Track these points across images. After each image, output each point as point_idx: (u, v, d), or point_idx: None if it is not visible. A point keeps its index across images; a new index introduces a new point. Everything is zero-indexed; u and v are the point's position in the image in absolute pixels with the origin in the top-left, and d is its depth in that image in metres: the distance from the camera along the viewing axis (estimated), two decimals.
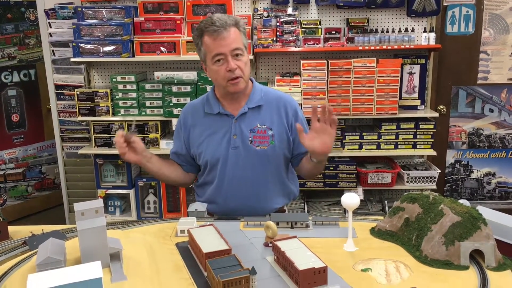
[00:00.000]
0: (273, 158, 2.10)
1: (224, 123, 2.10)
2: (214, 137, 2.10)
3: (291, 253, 1.44)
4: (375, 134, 3.54)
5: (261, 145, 2.07)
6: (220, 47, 1.94)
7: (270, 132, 2.08)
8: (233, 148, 2.07)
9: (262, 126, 2.08)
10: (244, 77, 2.01)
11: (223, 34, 1.93)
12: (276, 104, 2.12)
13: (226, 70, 1.96)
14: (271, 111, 2.11)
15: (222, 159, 2.09)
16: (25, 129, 4.58)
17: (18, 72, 4.48)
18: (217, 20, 1.94)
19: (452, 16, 3.77)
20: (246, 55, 2.01)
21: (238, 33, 1.98)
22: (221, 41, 1.93)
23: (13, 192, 4.54)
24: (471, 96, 3.97)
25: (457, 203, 1.59)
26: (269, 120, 2.09)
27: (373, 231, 1.74)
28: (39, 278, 1.29)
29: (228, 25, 1.94)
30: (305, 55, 3.67)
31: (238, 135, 2.07)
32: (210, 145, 2.10)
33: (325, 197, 3.77)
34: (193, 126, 2.16)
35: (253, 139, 2.07)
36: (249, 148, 2.07)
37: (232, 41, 1.94)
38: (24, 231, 1.82)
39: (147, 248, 1.64)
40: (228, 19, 1.96)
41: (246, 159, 2.07)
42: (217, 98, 2.12)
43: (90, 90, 3.57)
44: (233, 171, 2.08)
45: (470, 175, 4.10)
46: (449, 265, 1.46)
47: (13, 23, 4.41)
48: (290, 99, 2.17)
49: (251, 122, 2.08)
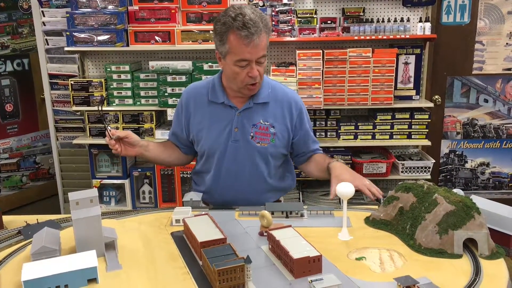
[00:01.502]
0: (272, 156, 2.08)
1: (227, 114, 2.06)
2: (215, 127, 2.07)
3: (286, 242, 1.45)
4: (370, 124, 3.55)
5: (261, 141, 2.05)
6: (248, 53, 1.85)
7: (272, 129, 2.05)
8: (233, 141, 2.05)
9: (265, 123, 2.05)
10: (261, 81, 1.98)
11: (255, 42, 1.82)
12: (281, 102, 2.08)
13: (247, 76, 1.90)
14: (276, 108, 2.07)
15: (220, 151, 2.07)
16: (19, 119, 4.56)
17: (11, 62, 4.44)
18: (251, 24, 1.81)
19: (448, 6, 3.76)
20: (266, 60, 1.96)
21: (266, 38, 1.89)
22: (250, 49, 1.83)
23: (7, 182, 4.52)
24: (466, 86, 3.98)
25: (451, 192, 1.60)
26: (272, 117, 2.06)
27: (368, 221, 1.75)
28: (34, 267, 1.29)
29: (260, 30, 1.83)
30: (301, 45, 3.65)
31: (239, 129, 2.04)
32: (210, 134, 2.07)
33: (320, 187, 3.78)
34: (195, 111, 2.11)
35: (254, 134, 2.04)
36: (250, 144, 2.04)
37: (261, 48, 1.87)
38: (18, 221, 1.82)
39: (142, 238, 1.65)
40: (260, 22, 1.83)
41: (245, 154, 2.05)
42: (223, 87, 2.07)
43: (84, 80, 3.55)
44: (230, 164, 2.07)
45: (464, 165, 4.12)
46: (442, 254, 1.47)
47: (6, 12, 4.36)
48: (296, 98, 2.13)
49: (254, 118, 2.05)
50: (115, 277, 1.38)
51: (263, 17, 1.88)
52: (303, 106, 2.14)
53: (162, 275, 1.41)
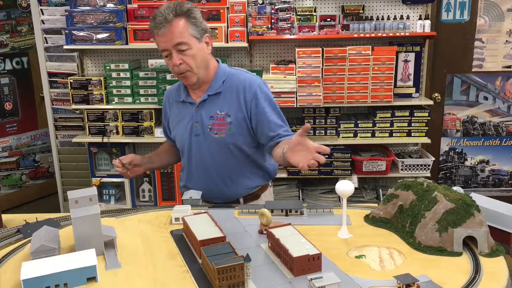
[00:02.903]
0: (233, 145, 2.05)
1: (188, 110, 2.10)
2: (181, 124, 2.13)
3: (285, 240, 1.44)
4: (370, 122, 3.54)
5: (219, 132, 2.05)
6: (162, 43, 1.92)
7: (228, 119, 2.04)
8: (195, 136, 2.08)
9: (221, 113, 2.05)
10: (193, 70, 1.96)
11: (163, 30, 1.88)
12: (236, 90, 2.04)
13: (172, 65, 1.94)
14: (231, 97, 2.05)
15: (187, 146, 2.12)
16: (18, 117, 4.55)
17: (10, 60, 4.44)
18: (158, 15, 1.89)
19: (448, 3, 3.76)
20: (195, 47, 1.93)
21: (184, 25, 1.90)
22: (162, 37, 1.90)
23: (7, 181, 4.52)
24: (465, 84, 3.97)
25: (451, 190, 1.60)
26: (227, 106, 2.04)
27: (367, 218, 1.74)
28: (33, 266, 1.29)
29: (168, 19, 1.87)
30: (300, 42, 3.65)
31: (199, 123, 2.06)
32: (179, 132, 2.14)
33: (320, 185, 3.78)
34: (170, 111, 2.22)
35: (212, 126, 2.05)
36: (209, 136, 2.05)
37: (173, 36, 1.88)
38: (18, 220, 1.82)
39: (141, 236, 1.64)
40: (170, 12, 1.88)
41: (207, 146, 2.07)
42: (185, 86, 2.12)
43: (83, 78, 3.55)
44: (198, 158, 2.10)
45: (464, 163, 4.12)
46: (442, 252, 1.47)
47: (4, 10, 4.35)
48: (250, 83, 2.04)
49: (211, 109, 2.05)
50: (115, 275, 1.37)
51: (179, 6, 1.91)
52: (259, 90, 2.03)
53: (162, 273, 1.41)
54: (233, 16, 3.46)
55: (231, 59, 3.74)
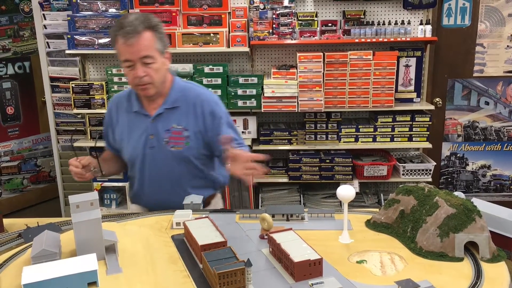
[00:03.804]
0: (189, 158, 2.07)
1: (142, 122, 2.09)
2: (133, 135, 2.10)
3: (286, 245, 1.44)
4: (371, 126, 3.54)
5: (176, 145, 2.06)
6: (128, 53, 1.91)
7: (186, 133, 2.06)
8: (149, 148, 2.07)
9: (178, 126, 2.06)
10: (154, 83, 1.98)
11: (131, 41, 1.88)
12: (194, 104, 2.07)
13: (134, 76, 1.94)
14: (188, 111, 2.07)
15: (140, 159, 2.10)
16: (20, 121, 4.56)
17: (12, 65, 4.45)
18: (128, 25, 1.88)
19: (449, 8, 3.76)
20: (159, 61, 1.96)
21: (152, 38, 1.92)
22: (129, 48, 1.89)
23: (8, 185, 4.53)
24: (467, 88, 3.97)
25: (452, 195, 1.60)
26: (185, 120, 2.06)
27: (369, 223, 1.74)
28: (34, 271, 1.29)
29: (138, 31, 1.88)
30: (301, 47, 3.65)
31: (154, 135, 2.06)
32: (129, 143, 2.11)
33: (321, 189, 3.77)
34: (117, 120, 2.17)
35: (168, 139, 2.05)
36: (165, 149, 2.06)
37: (141, 48, 1.89)
38: (19, 224, 1.82)
39: (142, 241, 1.64)
40: (140, 24, 1.89)
41: (162, 159, 2.07)
42: (138, 95, 2.11)
43: (85, 83, 3.56)
44: (151, 170, 2.08)
45: (465, 168, 4.11)
46: (443, 257, 1.47)
47: (7, 14, 4.37)
48: (208, 98, 2.10)
49: (167, 123, 2.06)
50: (115, 280, 1.37)
51: (148, 19, 1.93)
52: (216, 106, 2.09)
53: (163, 278, 1.41)
54: (235, 21, 3.47)
55: (232, 64, 3.75)
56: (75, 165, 1.97)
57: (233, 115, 3.56)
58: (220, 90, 3.48)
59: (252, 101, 3.48)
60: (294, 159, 3.57)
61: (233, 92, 3.47)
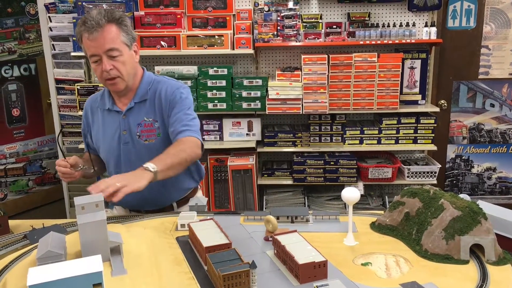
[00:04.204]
0: (162, 149, 1.97)
1: (114, 119, 2.08)
2: (107, 133, 2.09)
3: (291, 247, 1.44)
4: (376, 129, 3.54)
5: (148, 138, 2.04)
6: (93, 48, 1.89)
7: (156, 124, 2.04)
8: (124, 144, 2.06)
9: (148, 119, 2.05)
10: (123, 76, 1.96)
11: (94, 35, 1.86)
12: (159, 95, 2.05)
13: (102, 70, 1.92)
14: (156, 102, 2.05)
15: (115, 156, 2.08)
16: (25, 123, 4.58)
17: (18, 67, 4.47)
18: (89, 20, 1.87)
19: (454, 10, 3.76)
20: (126, 54, 1.95)
21: (116, 31, 1.91)
22: (93, 42, 1.87)
23: (13, 187, 4.54)
24: (472, 91, 3.96)
25: (458, 197, 1.59)
26: (153, 112, 2.05)
27: (374, 226, 1.74)
28: (39, 272, 1.29)
29: (101, 24, 1.87)
30: (306, 49, 3.66)
31: (127, 131, 2.05)
32: (104, 141, 2.10)
33: (326, 191, 3.77)
34: (92, 121, 2.17)
35: (140, 133, 2.04)
36: (138, 143, 2.04)
37: (105, 41, 1.88)
38: (24, 225, 1.83)
39: (147, 242, 1.64)
40: (102, 18, 1.88)
41: (137, 154, 2.04)
42: (110, 93, 2.10)
43: (90, 85, 3.57)
44: (127, 167, 2.00)
45: (470, 170, 4.09)
46: (449, 260, 1.46)
47: (13, 17, 4.39)
48: (172, 87, 2.06)
49: (138, 117, 2.05)
50: (120, 281, 1.38)
51: (110, 13, 1.92)
52: (179, 92, 2.05)
53: (167, 279, 1.41)
54: (239, 23, 3.48)
55: (237, 66, 3.76)
56: (63, 165, 1.95)
57: (237, 117, 3.59)
58: (225, 92, 3.48)
59: (257, 103, 3.49)
60: (299, 161, 3.56)
61: (238, 94, 3.48)
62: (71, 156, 1.99)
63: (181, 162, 1.87)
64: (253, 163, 3.54)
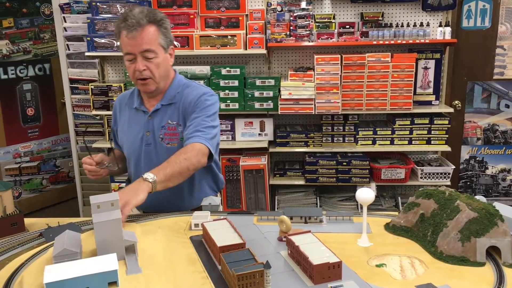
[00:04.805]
0: None
1: (140, 119, 2.08)
2: (131, 132, 2.10)
3: (305, 247, 1.44)
4: (389, 129, 3.52)
5: (171, 142, 2.04)
6: (130, 46, 1.90)
7: (180, 128, 2.04)
8: (146, 145, 2.06)
9: (172, 122, 2.04)
10: (155, 78, 1.97)
11: (133, 34, 1.87)
12: (185, 100, 2.04)
13: (135, 70, 1.93)
14: (181, 106, 2.05)
15: (136, 156, 2.08)
16: (40, 122, 4.63)
17: (33, 66, 4.52)
18: (131, 17, 1.87)
19: (468, 10, 3.72)
20: (161, 56, 1.95)
21: (155, 33, 1.91)
22: (131, 41, 1.88)
23: (28, 185, 4.60)
24: (486, 91, 3.92)
25: (474, 199, 1.57)
26: (177, 116, 2.04)
27: (388, 227, 1.73)
28: (56, 270, 1.30)
29: (142, 24, 1.87)
30: (319, 49, 3.65)
31: (151, 132, 2.05)
32: (128, 140, 2.10)
33: (338, 192, 3.76)
34: (119, 118, 2.18)
35: (163, 136, 2.04)
36: (160, 146, 2.04)
37: (143, 42, 1.89)
38: (40, 224, 1.84)
39: (161, 241, 1.65)
40: (144, 17, 1.88)
41: (158, 156, 2.03)
42: (140, 92, 2.11)
43: (104, 84, 3.60)
44: (147, 168, 1.94)
45: (485, 172, 4.05)
46: (465, 262, 1.45)
47: (28, 17, 4.44)
48: (198, 92, 2.04)
49: (162, 119, 2.05)
50: (135, 280, 1.38)
51: (152, 13, 1.92)
52: (202, 98, 2.02)
53: (181, 279, 1.41)
54: (252, 23, 3.48)
55: (249, 66, 3.76)
56: (89, 163, 1.97)
57: (249, 117, 3.59)
58: (237, 92, 3.49)
59: (269, 103, 3.49)
60: (311, 161, 3.56)
61: (250, 94, 3.48)
62: (98, 154, 2.02)
63: (182, 172, 1.85)
64: (265, 163, 3.54)
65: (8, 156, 4.44)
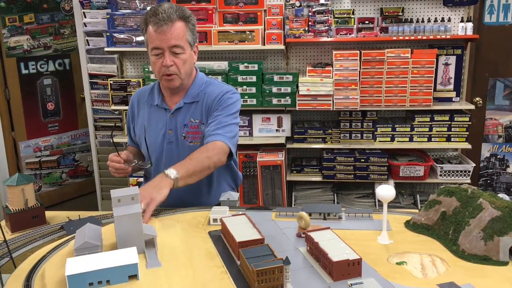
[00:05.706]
0: None
1: (161, 116, 2.07)
2: (152, 129, 2.08)
3: (324, 244, 1.43)
4: (408, 126, 3.48)
5: (194, 140, 2.02)
6: (158, 41, 1.89)
7: (202, 127, 2.02)
8: (168, 143, 2.05)
9: (195, 121, 2.03)
10: (180, 74, 1.96)
11: (163, 28, 1.87)
12: (209, 98, 2.03)
13: (162, 65, 1.92)
14: (204, 104, 2.04)
15: (157, 153, 2.07)
16: (59, 117, 4.69)
17: (53, 62, 4.58)
18: (161, 12, 1.87)
19: (491, 5, 3.65)
20: (187, 53, 1.95)
21: (183, 29, 1.91)
22: (160, 35, 1.88)
23: (47, 179, 4.66)
24: (508, 88, 3.85)
25: (497, 197, 1.55)
26: (199, 114, 2.03)
27: (408, 224, 1.71)
28: (77, 262, 1.32)
29: (172, 19, 1.87)
30: (337, 45, 3.62)
31: (173, 130, 2.04)
32: (149, 138, 2.06)
33: (355, 189, 3.73)
34: (137, 114, 2.16)
35: (186, 134, 2.02)
36: (183, 144, 2.03)
37: (172, 37, 1.88)
38: (61, 217, 1.87)
39: (180, 236, 1.66)
40: (174, 13, 1.89)
41: (179, 154, 2.01)
42: (161, 89, 2.10)
43: (123, 80, 3.62)
44: (167, 165, 1.90)
45: (506, 170, 3.98)
46: (487, 261, 1.42)
47: (48, 13, 4.49)
48: (221, 90, 2.04)
49: (185, 117, 2.04)
50: (155, 274, 1.39)
51: (183, 11, 1.92)
52: (225, 96, 2.02)
53: (200, 273, 1.42)
54: (270, 19, 3.47)
55: (267, 61, 3.75)
56: (117, 161, 1.93)
57: (267, 113, 3.58)
58: (255, 88, 3.48)
59: (287, 99, 3.47)
60: (328, 158, 3.54)
61: (268, 90, 3.47)
62: (123, 151, 1.98)
63: (203, 170, 1.87)
64: (282, 159, 3.53)
65: (29, 150, 4.51)
